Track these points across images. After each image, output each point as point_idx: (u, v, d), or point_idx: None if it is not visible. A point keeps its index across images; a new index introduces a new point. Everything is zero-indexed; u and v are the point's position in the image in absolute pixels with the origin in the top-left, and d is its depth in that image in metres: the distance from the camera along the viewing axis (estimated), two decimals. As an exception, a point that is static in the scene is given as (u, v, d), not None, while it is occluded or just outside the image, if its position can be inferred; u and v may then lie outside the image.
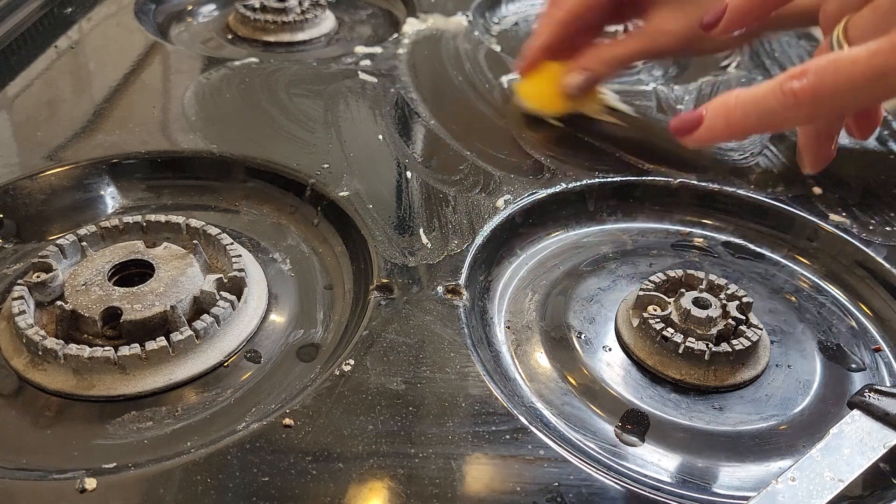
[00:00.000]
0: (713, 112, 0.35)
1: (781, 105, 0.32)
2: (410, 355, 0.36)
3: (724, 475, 0.35)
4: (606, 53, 0.51)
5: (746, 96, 0.34)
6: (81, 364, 0.35)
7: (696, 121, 0.35)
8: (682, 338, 0.38)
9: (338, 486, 0.30)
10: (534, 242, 0.47)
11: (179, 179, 0.49)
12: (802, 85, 0.31)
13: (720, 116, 0.34)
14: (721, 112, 0.34)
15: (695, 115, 0.35)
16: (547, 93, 0.53)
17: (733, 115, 0.34)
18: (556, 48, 0.52)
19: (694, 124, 0.35)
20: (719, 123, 0.34)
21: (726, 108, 0.34)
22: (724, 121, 0.34)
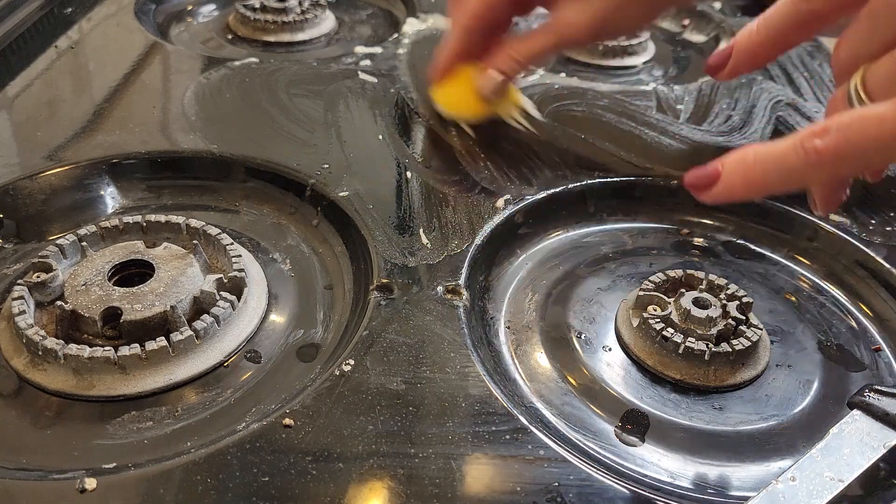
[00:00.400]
0: (731, 169, 0.33)
1: (803, 163, 0.31)
2: (410, 355, 0.36)
3: (724, 475, 0.35)
4: (516, 51, 0.49)
5: (765, 153, 0.32)
6: (81, 364, 0.35)
7: (712, 177, 0.33)
8: (682, 338, 0.38)
9: (338, 486, 0.30)
10: (534, 242, 0.47)
11: (179, 179, 0.49)
12: (826, 143, 0.30)
13: (738, 174, 0.33)
14: (739, 169, 0.33)
15: (711, 172, 0.34)
16: (463, 97, 0.52)
17: (752, 174, 0.32)
18: (468, 52, 0.50)
19: (710, 180, 0.33)
20: (737, 181, 0.33)
21: (744, 166, 0.33)
22: (742, 179, 0.33)
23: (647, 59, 0.71)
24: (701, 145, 0.54)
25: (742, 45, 0.38)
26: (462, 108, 0.53)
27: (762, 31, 0.37)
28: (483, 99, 0.51)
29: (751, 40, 0.38)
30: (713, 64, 0.39)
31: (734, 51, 0.38)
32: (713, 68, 0.39)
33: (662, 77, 0.69)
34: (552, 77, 0.63)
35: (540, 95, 0.59)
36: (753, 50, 0.38)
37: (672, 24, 0.80)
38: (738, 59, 0.38)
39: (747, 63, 0.38)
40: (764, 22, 0.37)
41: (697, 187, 0.34)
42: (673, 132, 0.56)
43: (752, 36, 0.37)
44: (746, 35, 0.38)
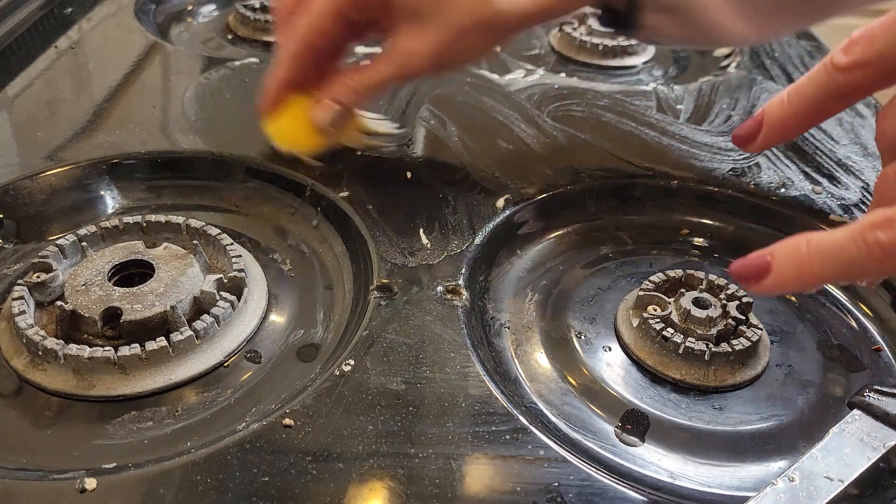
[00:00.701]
0: (783, 261, 0.31)
1: (866, 257, 0.28)
2: (410, 355, 0.36)
3: (724, 475, 0.35)
4: (355, 82, 0.45)
5: (822, 244, 0.30)
6: (81, 364, 0.35)
7: (762, 268, 0.31)
8: (682, 338, 0.38)
9: (338, 486, 0.30)
10: (534, 242, 0.47)
11: (179, 179, 0.50)
12: (890, 237, 0.28)
13: (791, 267, 0.30)
14: (792, 262, 0.30)
15: (761, 263, 0.31)
16: (298, 130, 0.47)
17: (807, 266, 0.30)
18: (299, 81, 0.45)
19: (760, 272, 0.31)
20: (790, 274, 0.30)
21: (798, 258, 0.30)
22: (796, 272, 0.30)
23: (647, 59, 0.71)
24: (701, 145, 0.54)
25: (773, 116, 0.35)
26: (297, 141, 0.48)
27: (794, 101, 0.34)
28: (320, 131, 0.46)
29: (783, 111, 0.34)
30: (743, 135, 0.36)
31: (765, 123, 0.35)
32: (742, 140, 0.36)
33: (662, 77, 0.69)
34: (552, 77, 0.63)
35: (540, 95, 0.59)
36: (786, 122, 0.34)
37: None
38: (770, 131, 0.35)
39: (779, 136, 0.35)
40: (796, 92, 0.34)
41: (745, 277, 0.32)
42: (673, 132, 0.56)
43: (783, 107, 0.34)
44: (778, 106, 0.34)
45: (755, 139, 0.35)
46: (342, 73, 0.45)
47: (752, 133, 0.35)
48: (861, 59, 0.31)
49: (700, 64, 0.72)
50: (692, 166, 0.52)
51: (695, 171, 0.51)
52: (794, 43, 0.72)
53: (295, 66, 0.45)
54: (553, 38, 0.73)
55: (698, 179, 0.50)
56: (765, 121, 0.35)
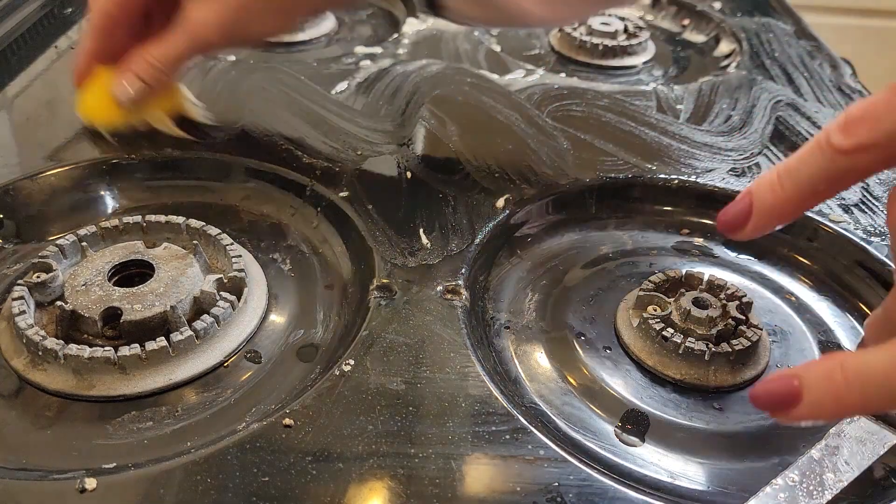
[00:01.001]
0: (817, 388, 0.27)
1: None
2: (410, 355, 0.36)
3: (724, 475, 0.35)
4: (151, 55, 0.44)
5: (862, 369, 0.26)
6: (81, 364, 0.35)
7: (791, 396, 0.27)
8: (682, 338, 0.38)
9: (338, 486, 0.30)
10: (534, 242, 0.47)
11: (179, 179, 0.49)
12: None
13: (828, 395, 0.27)
14: (828, 389, 0.27)
15: (787, 388, 0.27)
16: (100, 103, 0.47)
17: (847, 395, 0.26)
18: (104, 53, 0.45)
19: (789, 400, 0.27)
20: (828, 403, 0.27)
21: (834, 386, 0.26)
22: (834, 400, 0.27)
23: (647, 59, 0.71)
24: (701, 145, 0.54)
25: (765, 202, 0.31)
26: (98, 114, 0.48)
27: (788, 186, 0.30)
28: (121, 106, 0.46)
29: (775, 196, 0.30)
30: (728, 223, 0.32)
31: (755, 209, 0.31)
32: (730, 227, 0.32)
33: (662, 77, 0.69)
34: (552, 77, 0.63)
35: (540, 95, 0.59)
36: (779, 207, 0.31)
37: (672, 24, 0.80)
38: (761, 219, 0.31)
39: (772, 223, 0.31)
40: (790, 175, 0.30)
41: (770, 407, 0.28)
42: (673, 132, 0.56)
43: (775, 191, 0.30)
44: (769, 189, 0.31)
45: (744, 226, 0.31)
46: (141, 47, 0.45)
47: (740, 220, 0.31)
48: (866, 142, 0.28)
49: (700, 64, 0.72)
50: (692, 166, 0.52)
51: (695, 171, 0.51)
52: (794, 43, 0.72)
53: (97, 36, 0.45)
54: (553, 38, 0.73)
55: (698, 179, 0.50)
56: (754, 206, 0.31)
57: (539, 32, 0.76)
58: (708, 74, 0.66)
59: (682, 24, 0.79)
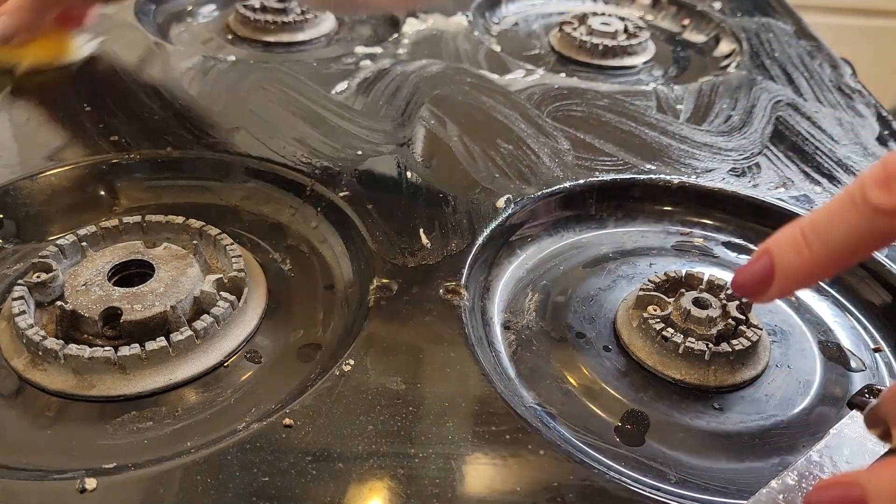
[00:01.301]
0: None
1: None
2: (410, 355, 0.36)
3: (724, 475, 0.35)
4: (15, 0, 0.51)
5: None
6: (81, 364, 0.35)
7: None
8: (682, 338, 0.38)
9: (338, 486, 0.30)
10: (534, 242, 0.47)
11: (179, 179, 0.49)
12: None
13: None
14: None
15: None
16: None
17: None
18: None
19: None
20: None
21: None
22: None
23: (647, 59, 0.71)
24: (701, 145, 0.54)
25: (789, 264, 0.27)
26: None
27: (816, 247, 0.27)
28: None
29: (801, 258, 0.27)
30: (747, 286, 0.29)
31: (778, 272, 0.28)
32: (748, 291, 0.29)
33: (662, 77, 0.69)
34: (552, 77, 0.63)
35: (540, 95, 0.59)
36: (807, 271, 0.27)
37: (672, 24, 0.80)
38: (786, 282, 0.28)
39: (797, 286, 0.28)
40: (817, 235, 0.27)
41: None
42: (673, 132, 0.56)
43: (801, 253, 0.27)
44: (793, 251, 0.27)
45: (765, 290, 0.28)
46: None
47: (761, 284, 0.28)
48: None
49: (700, 64, 0.72)
50: (692, 166, 0.52)
51: (695, 171, 0.51)
52: (794, 43, 0.72)
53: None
54: (553, 38, 0.73)
55: (698, 179, 0.50)
56: (777, 269, 0.27)
57: (539, 32, 0.76)
58: (708, 74, 0.66)
59: (682, 24, 0.79)
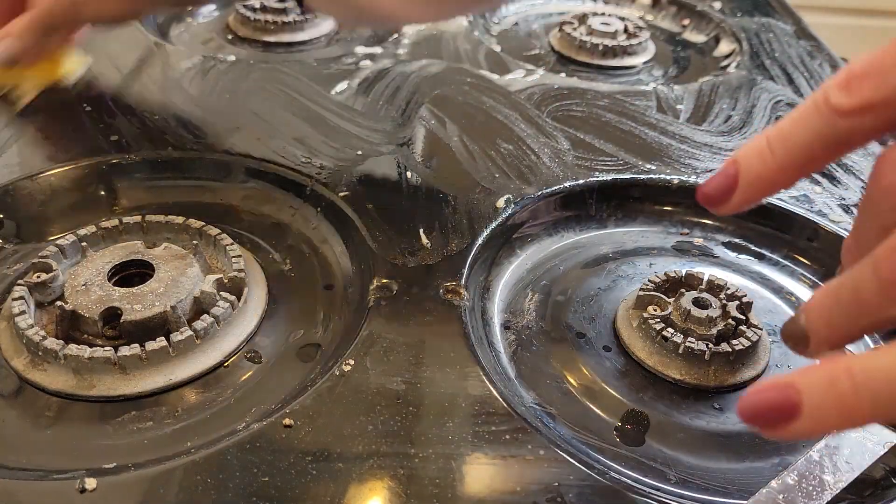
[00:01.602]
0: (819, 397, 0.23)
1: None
2: (410, 355, 0.36)
3: (724, 475, 0.35)
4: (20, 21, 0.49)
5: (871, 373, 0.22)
6: (81, 364, 0.35)
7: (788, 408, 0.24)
8: (682, 338, 0.38)
9: (338, 486, 0.30)
10: (534, 242, 0.47)
11: (179, 179, 0.49)
12: None
13: (832, 404, 0.23)
14: (833, 398, 0.23)
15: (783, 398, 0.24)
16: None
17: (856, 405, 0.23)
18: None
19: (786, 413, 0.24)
20: (832, 415, 0.23)
21: (839, 394, 0.23)
22: (839, 411, 0.23)
23: (647, 59, 0.71)
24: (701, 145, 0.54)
25: (752, 171, 0.27)
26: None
27: (779, 152, 0.26)
28: None
29: (764, 165, 0.27)
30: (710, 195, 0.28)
31: (741, 178, 0.27)
32: (712, 200, 0.28)
33: (662, 77, 0.69)
34: (552, 77, 0.63)
35: (540, 95, 0.59)
36: (770, 177, 0.27)
37: (672, 24, 0.80)
38: (749, 190, 0.27)
39: (760, 194, 0.28)
40: (781, 141, 0.26)
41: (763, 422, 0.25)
42: (673, 132, 0.56)
43: (765, 159, 0.27)
44: (757, 157, 0.27)
45: (728, 198, 0.28)
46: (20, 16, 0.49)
47: (724, 192, 0.28)
48: (872, 100, 0.24)
49: (700, 64, 0.72)
50: (692, 166, 0.52)
51: (695, 171, 0.51)
52: (794, 43, 0.72)
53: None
54: (553, 38, 0.73)
55: (698, 179, 0.50)
56: (741, 176, 0.27)
57: (539, 32, 0.76)
58: (708, 74, 0.66)
59: (682, 24, 0.79)
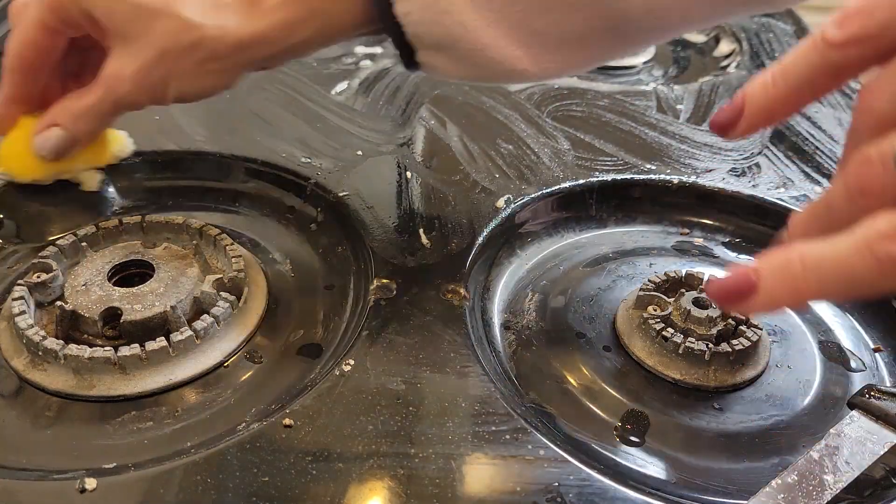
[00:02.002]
0: (773, 280, 0.27)
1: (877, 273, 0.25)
2: (410, 355, 0.36)
3: (724, 475, 0.35)
4: (73, 105, 0.41)
5: (820, 260, 0.26)
6: (81, 364, 0.35)
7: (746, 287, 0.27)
8: (682, 338, 0.38)
9: (338, 486, 0.30)
10: (534, 242, 0.47)
11: (179, 179, 0.50)
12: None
13: (784, 286, 0.27)
14: (784, 280, 0.27)
15: (743, 282, 0.27)
16: (21, 155, 0.43)
17: (804, 285, 0.26)
18: (28, 98, 0.43)
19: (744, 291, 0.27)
20: (783, 294, 0.27)
21: (790, 276, 0.26)
22: (790, 291, 0.27)
23: (647, 59, 0.71)
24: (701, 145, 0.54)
25: (756, 100, 0.31)
26: (18, 166, 0.45)
27: (780, 84, 0.30)
28: (44, 158, 0.43)
29: (766, 95, 0.30)
30: (721, 123, 0.32)
31: (746, 107, 0.31)
32: (722, 128, 0.32)
33: (662, 77, 0.69)
34: (552, 77, 0.63)
35: (540, 95, 0.59)
36: (770, 106, 0.31)
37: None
38: (753, 118, 0.31)
39: (763, 121, 0.31)
40: (783, 74, 0.30)
41: (726, 300, 0.28)
42: (673, 132, 0.56)
43: (767, 90, 0.30)
44: (760, 89, 0.31)
45: (735, 126, 0.31)
46: (66, 97, 0.42)
47: (732, 120, 0.32)
48: (860, 34, 0.27)
49: (700, 64, 0.72)
50: (692, 166, 0.52)
51: (695, 171, 0.51)
52: (794, 43, 0.72)
53: (14, 81, 0.43)
54: (553, 38, 0.73)
55: (698, 179, 0.50)
56: (746, 106, 0.31)
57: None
58: (708, 74, 0.66)
59: (682, 24, 0.79)
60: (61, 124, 0.42)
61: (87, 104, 0.41)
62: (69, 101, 0.42)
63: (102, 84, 0.41)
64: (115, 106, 0.42)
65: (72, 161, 0.44)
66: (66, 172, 0.46)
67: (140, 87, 0.40)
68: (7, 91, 0.43)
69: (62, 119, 0.42)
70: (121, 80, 0.40)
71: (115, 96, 0.41)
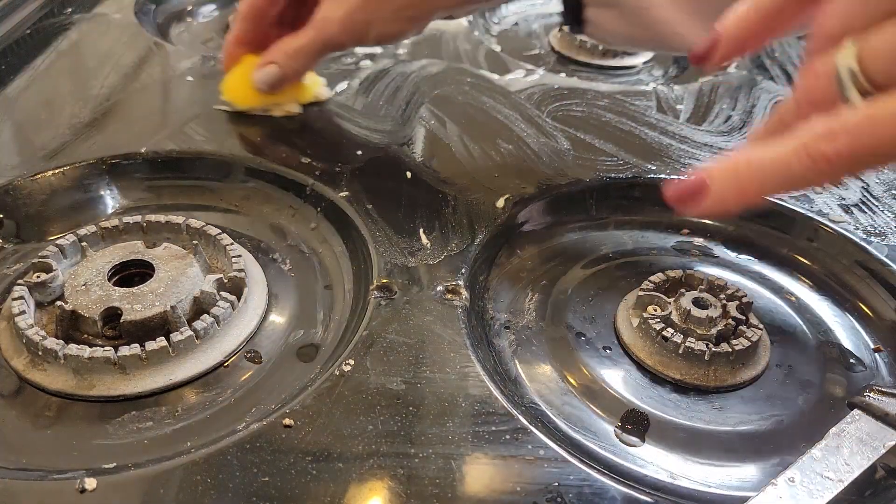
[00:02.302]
0: (722, 181, 0.30)
1: (811, 171, 0.27)
2: (410, 355, 0.36)
3: (724, 475, 0.35)
4: (287, 45, 0.49)
5: (762, 161, 0.29)
6: (81, 364, 0.35)
7: (699, 188, 0.30)
8: (682, 338, 0.38)
9: (338, 486, 0.30)
10: (534, 242, 0.47)
11: (179, 179, 0.50)
12: (836, 148, 0.27)
13: (731, 188, 0.30)
14: (731, 182, 0.30)
15: (696, 185, 0.30)
16: (240, 86, 0.52)
17: (748, 185, 0.29)
18: (251, 41, 0.51)
19: (697, 192, 0.30)
20: (730, 194, 0.30)
21: (737, 177, 0.30)
22: (736, 191, 0.30)
23: (647, 59, 0.71)
24: (701, 145, 0.54)
25: (731, 31, 0.33)
26: (237, 95, 0.53)
27: (752, 15, 0.33)
28: (258, 90, 0.51)
29: (739, 26, 0.33)
30: (698, 54, 0.34)
31: (723, 39, 0.34)
32: (699, 58, 0.34)
33: (662, 77, 0.69)
34: (552, 77, 0.63)
35: (540, 95, 0.59)
36: (744, 37, 0.33)
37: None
38: (727, 47, 0.34)
39: (737, 51, 0.34)
40: (755, 4, 0.33)
41: (682, 201, 0.31)
42: (673, 132, 0.56)
43: (739, 21, 0.33)
44: (734, 20, 0.33)
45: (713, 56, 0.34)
46: (281, 40, 0.50)
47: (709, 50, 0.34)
48: None
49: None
50: (692, 166, 0.52)
51: (695, 171, 0.51)
52: (794, 43, 0.72)
53: (243, 25, 0.51)
54: (553, 38, 0.73)
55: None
56: (723, 37, 0.34)
57: (539, 32, 0.76)
58: (708, 74, 0.66)
59: (682, 24, 0.79)
60: (277, 62, 0.50)
61: (300, 44, 0.49)
62: (284, 43, 0.49)
63: (314, 27, 0.48)
64: (324, 46, 0.49)
65: (281, 95, 0.53)
66: (275, 105, 0.54)
67: (346, 30, 0.48)
68: (235, 34, 0.52)
69: (278, 58, 0.50)
70: (330, 22, 0.48)
71: (324, 37, 0.48)
